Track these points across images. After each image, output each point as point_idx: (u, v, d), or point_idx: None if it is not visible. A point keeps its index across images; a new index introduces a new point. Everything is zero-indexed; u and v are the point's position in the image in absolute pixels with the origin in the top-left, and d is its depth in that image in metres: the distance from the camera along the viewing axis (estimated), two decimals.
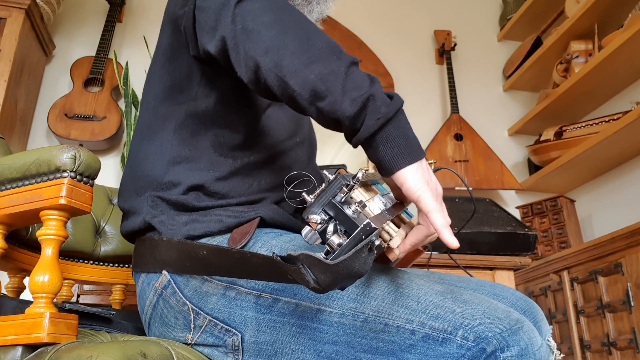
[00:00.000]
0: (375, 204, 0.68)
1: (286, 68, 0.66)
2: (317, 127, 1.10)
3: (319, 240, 0.60)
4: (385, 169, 0.67)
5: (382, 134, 0.65)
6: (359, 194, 0.66)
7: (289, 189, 0.87)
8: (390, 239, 0.68)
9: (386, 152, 0.66)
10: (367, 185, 0.73)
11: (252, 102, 0.85)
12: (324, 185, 0.61)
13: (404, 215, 0.77)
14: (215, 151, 0.83)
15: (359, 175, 0.62)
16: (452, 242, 0.64)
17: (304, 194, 0.62)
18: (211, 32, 0.73)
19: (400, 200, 0.76)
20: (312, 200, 0.61)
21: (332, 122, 0.68)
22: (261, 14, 0.70)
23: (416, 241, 0.72)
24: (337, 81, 0.65)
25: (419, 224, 0.72)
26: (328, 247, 0.58)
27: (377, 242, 0.58)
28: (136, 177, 0.85)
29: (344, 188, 0.60)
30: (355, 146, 0.68)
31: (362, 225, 0.57)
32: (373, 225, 0.57)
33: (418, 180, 0.65)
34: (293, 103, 0.69)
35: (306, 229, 0.60)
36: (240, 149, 0.84)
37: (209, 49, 0.74)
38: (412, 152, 0.66)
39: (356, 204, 0.60)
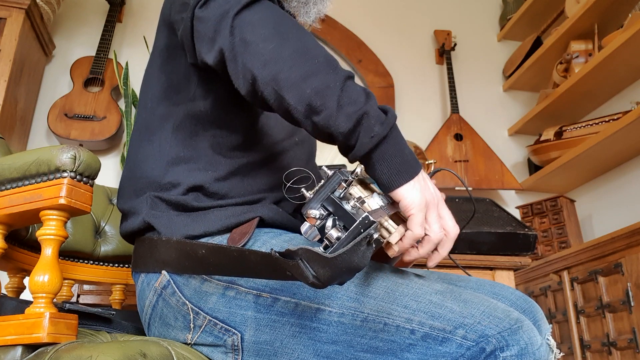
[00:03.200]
0: (374, 200, 0.68)
1: (283, 82, 0.67)
2: None
3: (318, 236, 0.60)
4: (384, 186, 0.69)
5: (378, 153, 0.67)
6: (357, 190, 0.66)
7: (288, 185, 0.87)
8: (389, 236, 0.68)
9: (383, 171, 0.67)
10: (366, 182, 0.73)
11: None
12: (322, 181, 0.61)
13: (402, 215, 0.77)
14: (214, 151, 0.83)
15: (358, 170, 0.62)
16: (402, 249, 0.69)
17: (303, 189, 0.62)
18: (210, 43, 0.74)
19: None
20: (311, 196, 0.61)
21: (327, 137, 0.69)
22: (259, 26, 0.70)
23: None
24: (332, 96, 0.66)
25: None
26: (327, 242, 0.58)
27: (375, 235, 0.58)
28: (135, 178, 0.85)
29: (343, 184, 0.61)
30: (351, 162, 0.69)
31: (360, 219, 0.58)
32: (371, 218, 0.57)
33: (415, 198, 0.67)
34: (289, 116, 0.70)
35: (305, 225, 0.60)
36: (239, 149, 0.85)
37: (206, 60, 0.75)
38: (409, 169, 0.68)
39: (355, 199, 0.61)
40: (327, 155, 2.64)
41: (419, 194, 0.67)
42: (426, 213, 0.69)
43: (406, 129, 2.74)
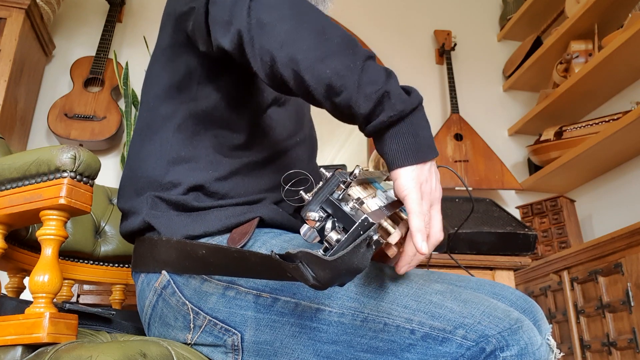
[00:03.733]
0: (373, 201, 0.68)
1: (302, 62, 0.66)
2: (317, 126, 1.10)
3: (318, 238, 0.60)
4: (387, 163, 0.67)
5: (393, 130, 0.66)
6: (356, 191, 0.66)
7: (287, 187, 0.87)
8: (389, 235, 0.68)
9: (392, 147, 0.66)
10: (365, 183, 0.73)
11: (253, 102, 0.85)
12: (321, 183, 0.61)
13: (402, 214, 0.77)
14: (216, 151, 0.83)
15: (356, 172, 0.62)
16: (422, 247, 0.63)
17: (301, 192, 0.62)
18: (226, 26, 0.72)
19: (399, 199, 0.76)
20: (310, 198, 0.61)
21: (347, 117, 0.68)
22: (276, 7, 0.69)
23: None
24: (352, 76, 0.65)
25: None
26: (326, 244, 0.58)
27: (375, 237, 0.58)
28: (136, 178, 0.85)
29: (341, 185, 0.60)
30: (368, 136, 0.68)
31: (359, 221, 0.57)
32: (371, 220, 0.57)
33: (410, 180, 0.65)
34: (309, 97, 0.69)
35: (305, 227, 0.60)
36: (241, 148, 0.84)
37: (223, 44, 0.73)
38: (419, 153, 0.66)
39: (354, 200, 0.60)
40: (328, 154, 2.64)
41: (415, 179, 0.65)
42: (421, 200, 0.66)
43: None
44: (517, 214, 2.67)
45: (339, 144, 2.66)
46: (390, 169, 0.67)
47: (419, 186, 0.66)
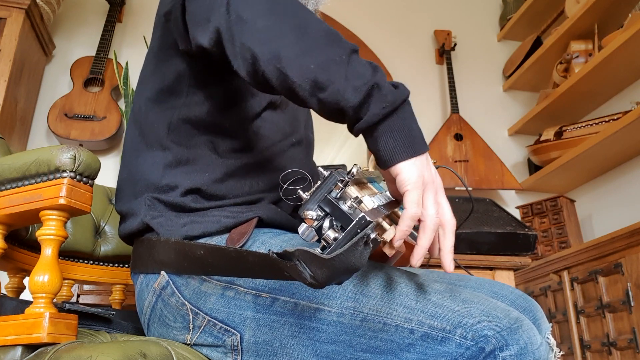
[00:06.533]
0: (371, 200, 0.68)
1: (285, 58, 0.63)
2: (317, 127, 1.11)
3: (316, 237, 0.60)
4: (383, 160, 0.65)
5: (386, 124, 0.63)
6: (354, 190, 0.66)
7: (285, 186, 0.87)
8: (386, 233, 0.67)
9: (388, 142, 0.63)
10: (363, 182, 0.73)
11: (246, 106, 0.85)
12: (319, 182, 0.61)
13: (400, 213, 0.77)
14: (212, 154, 0.83)
15: (354, 170, 0.61)
16: (396, 243, 0.62)
17: (299, 191, 0.62)
18: (204, 23, 0.70)
19: (396, 198, 0.76)
20: (308, 197, 0.61)
21: (335, 113, 0.65)
22: (256, 3, 0.67)
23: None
24: (339, 70, 0.62)
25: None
26: (324, 242, 0.58)
27: (372, 235, 0.57)
28: (134, 181, 0.85)
29: (339, 184, 0.60)
30: (356, 135, 0.66)
31: (357, 219, 0.57)
32: (368, 218, 0.57)
33: (412, 174, 0.63)
34: (292, 95, 0.66)
35: (303, 226, 0.60)
36: (236, 151, 0.84)
37: (201, 42, 0.71)
38: (414, 146, 0.64)
39: (352, 199, 0.60)
40: (328, 154, 2.64)
41: (417, 171, 0.63)
42: (422, 193, 0.64)
43: None
44: (517, 214, 2.67)
45: (339, 144, 2.66)
46: (387, 165, 0.65)
47: (422, 180, 0.64)
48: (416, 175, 0.63)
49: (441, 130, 2.74)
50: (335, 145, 2.66)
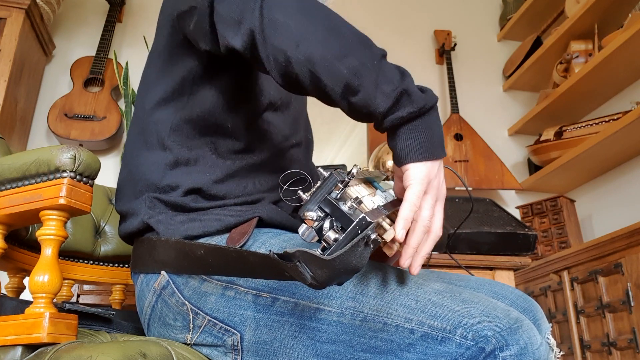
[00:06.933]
0: (372, 200, 0.68)
1: (318, 62, 0.65)
2: (316, 127, 1.11)
3: (316, 238, 0.60)
4: (398, 156, 0.68)
5: (409, 126, 0.66)
6: (354, 190, 0.66)
7: (285, 187, 0.87)
8: (386, 233, 0.68)
9: (407, 142, 0.66)
10: (364, 182, 0.73)
11: (247, 107, 0.85)
12: (319, 182, 0.61)
13: None
14: (212, 154, 0.83)
15: (354, 171, 0.62)
16: (398, 233, 0.64)
17: (299, 191, 0.62)
18: (236, 25, 0.70)
19: (399, 197, 0.76)
20: (308, 197, 0.61)
21: (364, 115, 0.68)
22: (289, 5, 0.68)
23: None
24: (369, 75, 0.65)
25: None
26: (324, 243, 0.58)
27: (373, 236, 0.58)
28: (134, 181, 0.85)
29: (339, 185, 0.60)
30: (383, 132, 0.69)
31: (357, 220, 0.57)
32: (368, 219, 0.57)
33: (420, 173, 0.66)
34: (324, 96, 0.68)
35: (303, 226, 0.60)
36: (237, 152, 0.84)
37: (233, 44, 0.71)
38: (431, 149, 0.67)
39: (352, 200, 0.60)
40: (328, 154, 2.64)
41: (427, 171, 0.67)
42: (424, 193, 0.67)
43: None
44: (517, 214, 2.67)
45: (339, 144, 2.66)
46: (401, 161, 0.68)
47: (427, 181, 0.67)
48: (424, 174, 0.66)
49: None
50: (336, 145, 2.66)
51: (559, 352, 0.79)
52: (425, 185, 0.66)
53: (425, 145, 0.66)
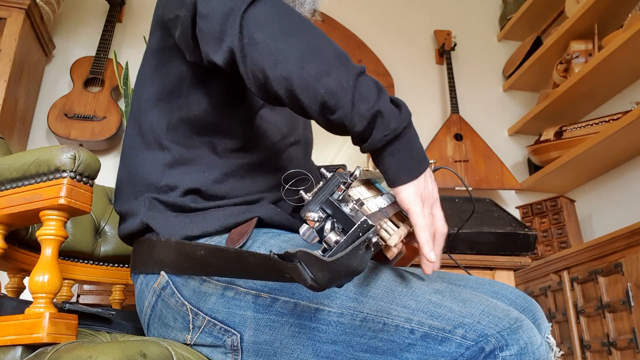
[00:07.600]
0: (374, 202, 0.68)
1: (295, 81, 0.67)
2: (316, 126, 1.10)
3: (317, 239, 0.60)
4: (388, 180, 0.71)
5: (388, 150, 0.69)
6: (356, 192, 0.66)
7: (287, 187, 0.87)
8: (389, 237, 0.68)
9: (391, 166, 0.69)
10: (366, 183, 0.73)
11: (244, 105, 0.85)
12: (321, 183, 0.61)
13: (403, 214, 0.77)
14: (211, 154, 0.83)
15: (357, 172, 0.62)
16: (430, 257, 0.69)
17: (301, 192, 0.62)
18: (217, 42, 0.71)
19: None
20: (310, 198, 0.61)
21: (341, 132, 0.70)
22: (268, 24, 0.69)
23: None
24: (346, 95, 0.66)
25: None
26: (325, 245, 0.58)
27: (374, 240, 0.58)
28: (133, 181, 0.85)
29: (342, 186, 0.60)
30: (363, 153, 0.71)
31: (359, 223, 0.57)
32: (370, 222, 0.57)
33: (411, 194, 0.69)
34: (302, 112, 0.70)
35: (304, 227, 0.60)
36: (235, 151, 0.84)
37: (215, 60, 0.73)
38: (416, 167, 0.70)
39: (354, 201, 0.60)
40: (328, 154, 2.64)
41: (416, 190, 0.70)
42: (422, 207, 0.71)
43: None
44: (517, 214, 2.67)
45: (339, 144, 2.66)
46: (390, 185, 0.71)
47: (420, 198, 0.70)
48: (415, 194, 0.70)
49: (441, 131, 2.74)
50: (335, 145, 2.66)
51: (559, 352, 0.79)
52: (420, 202, 0.70)
53: (408, 166, 0.69)
